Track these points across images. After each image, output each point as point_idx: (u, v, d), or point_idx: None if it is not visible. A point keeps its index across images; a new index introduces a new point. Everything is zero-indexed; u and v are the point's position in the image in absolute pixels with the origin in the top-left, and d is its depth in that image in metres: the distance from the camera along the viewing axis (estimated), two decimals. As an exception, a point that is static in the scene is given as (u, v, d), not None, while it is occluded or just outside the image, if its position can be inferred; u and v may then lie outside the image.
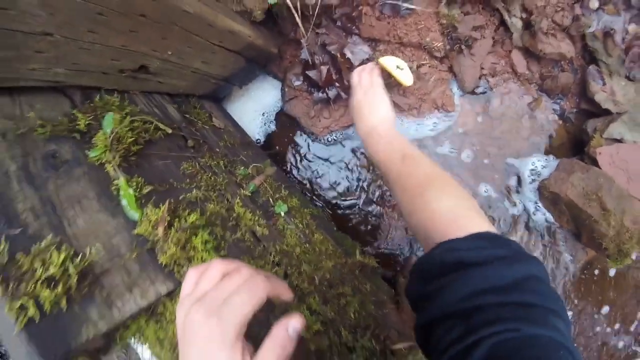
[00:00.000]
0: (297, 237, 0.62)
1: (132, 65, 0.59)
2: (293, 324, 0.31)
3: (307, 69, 0.79)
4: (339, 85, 0.79)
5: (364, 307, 0.57)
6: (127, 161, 0.53)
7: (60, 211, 0.43)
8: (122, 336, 0.43)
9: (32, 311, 0.37)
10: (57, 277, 0.39)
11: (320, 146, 0.92)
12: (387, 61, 0.73)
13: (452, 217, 0.40)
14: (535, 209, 0.89)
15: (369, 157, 0.58)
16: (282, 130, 0.92)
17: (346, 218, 0.91)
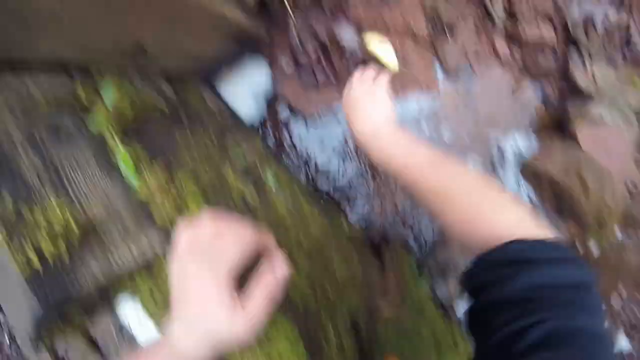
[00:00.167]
0: (287, 209, 0.66)
1: (131, 47, 0.62)
2: (279, 270, 0.34)
3: (296, 53, 0.83)
4: (327, 68, 0.82)
5: (350, 270, 0.60)
6: (127, 134, 0.56)
7: (63, 175, 0.46)
8: (118, 291, 0.46)
9: (36, 263, 0.40)
10: (60, 233, 0.42)
11: (310, 125, 0.97)
12: (373, 38, 0.76)
13: (517, 224, 0.39)
14: (517, 186, 0.92)
15: (376, 160, 0.53)
16: (272, 111, 0.97)
17: (334, 192, 0.97)
